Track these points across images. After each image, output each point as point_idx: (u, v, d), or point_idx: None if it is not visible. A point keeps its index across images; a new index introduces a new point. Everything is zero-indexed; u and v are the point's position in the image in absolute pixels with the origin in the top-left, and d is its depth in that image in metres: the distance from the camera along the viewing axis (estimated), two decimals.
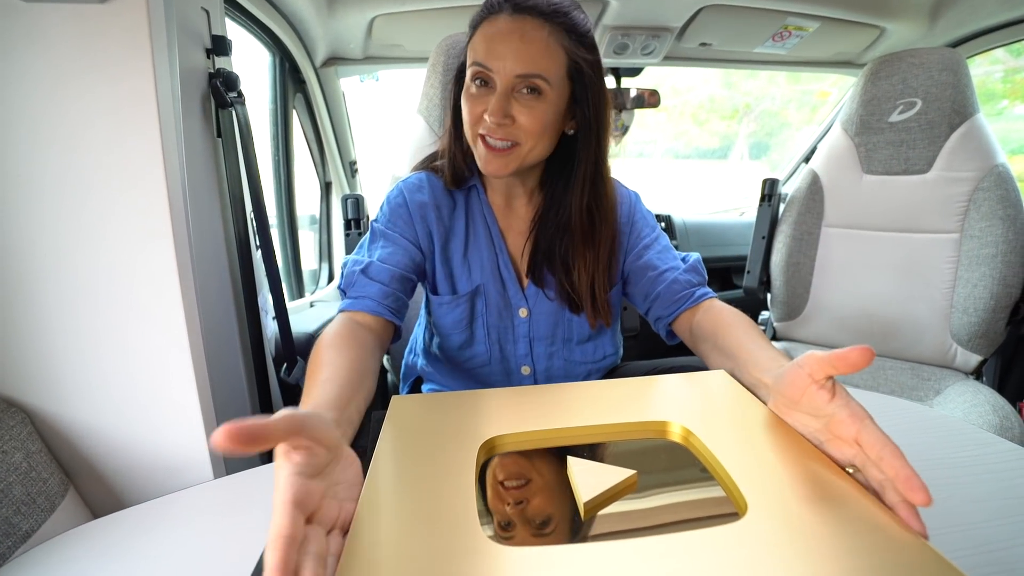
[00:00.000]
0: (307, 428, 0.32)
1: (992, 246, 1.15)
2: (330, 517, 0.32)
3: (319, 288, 1.67)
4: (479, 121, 0.64)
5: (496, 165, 0.65)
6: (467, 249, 0.75)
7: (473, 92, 0.65)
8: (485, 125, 0.63)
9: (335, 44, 1.46)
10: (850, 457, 0.38)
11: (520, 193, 0.76)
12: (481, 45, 0.63)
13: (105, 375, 0.57)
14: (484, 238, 0.76)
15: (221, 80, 0.71)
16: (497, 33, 0.62)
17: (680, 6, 1.34)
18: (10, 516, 0.48)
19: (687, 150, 7.61)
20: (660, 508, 0.38)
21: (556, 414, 0.47)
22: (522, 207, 0.77)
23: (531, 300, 0.76)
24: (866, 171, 1.32)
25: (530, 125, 0.63)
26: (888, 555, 0.30)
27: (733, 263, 2.02)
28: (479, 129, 0.65)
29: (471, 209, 0.76)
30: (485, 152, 0.65)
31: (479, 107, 0.64)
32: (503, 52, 0.61)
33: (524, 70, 0.61)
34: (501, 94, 0.62)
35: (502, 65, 0.61)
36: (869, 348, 0.36)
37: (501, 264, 0.76)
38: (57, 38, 0.50)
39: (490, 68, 0.62)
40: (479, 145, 0.66)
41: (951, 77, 1.19)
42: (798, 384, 0.42)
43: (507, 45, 0.61)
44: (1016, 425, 0.99)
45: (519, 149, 0.65)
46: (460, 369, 0.80)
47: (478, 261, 0.75)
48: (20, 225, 0.53)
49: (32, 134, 0.51)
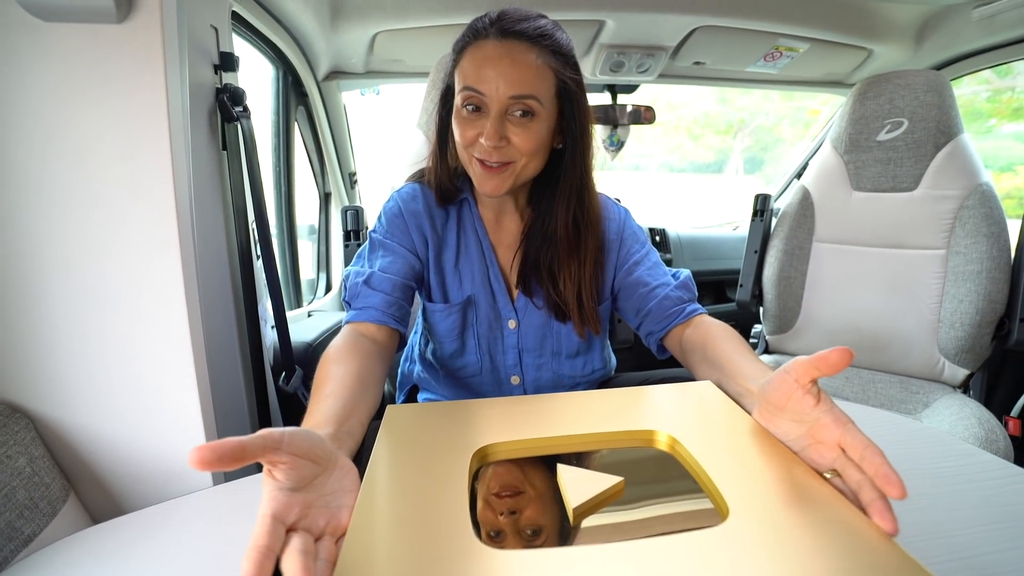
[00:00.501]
0: (287, 444, 0.34)
1: (977, 262, 1.18)
2: (318, 525, 0.34)
3: (316, 298, 1.68)
4: (473, 144, 0.66)
5: (493, 184, 0.67)
6: (458, 260, 0.77)
7: (465, 116, 0.65)
8: (480, 148, 0.65)
9: (337, 59, 1.50)
10: (830, 461, 0.40)
11: (511, 209, 0.77)
12: (471, 69, 0.64)
13: (108, 381, 0.58)
14: (475, 250, 0.77)
15: (228, 95, 0.73)
16: (486, 58, 0.63)
17: (674, 26, 1.38)
18: (13, 520, 0.49)
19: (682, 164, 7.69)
20: (646, 513, 0.39)
21: (548, 423, 0.49)
22: (512, 222, 0.78)
23: (520, 312, 0.78)
24: (855, 188, 1.36)
25: (524, 145, 0.65)
26: (861, 556, 0.31)
27: (726, 277, 2.04)
28: (474, 152, 0.66)
29: (463, 221, 0.78)
30: (482, 172, 0.66)
31: (472, 131, 0.65)
32: (494, 76, 0.62)
33: (517, 92, 0.62)
34: (495, 118, 0.63)
35: (494, 88, 0.62)
36: (848, 349, 0.39)
37: (491, 276, 0.77)
38: (74, 55, 0.52)
39: (482, 92, 0.63)
40: (475, 165, 0.67)
41: (936, 98, 1.23)
42: (784, 389, 0.43)
43: (497, 69, 0.62)
44: (1001, 438, 1.01)
45: (514, 167, 0.66)
46: (453, 377, 0.81)
47: (469, 272, 0.77)
48: (30, 233, 0.54)
49: (47, 146, 0.53)
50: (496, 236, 0.78)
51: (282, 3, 1.13)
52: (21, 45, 0.51)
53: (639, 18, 1.32)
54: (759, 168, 7.16)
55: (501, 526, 0.38)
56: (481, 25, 0.65)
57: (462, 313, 0.77)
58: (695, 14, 1.31)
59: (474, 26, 0.66)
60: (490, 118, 0.63)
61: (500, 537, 0.37)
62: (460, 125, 0.66)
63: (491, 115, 0.63)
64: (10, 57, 0.52)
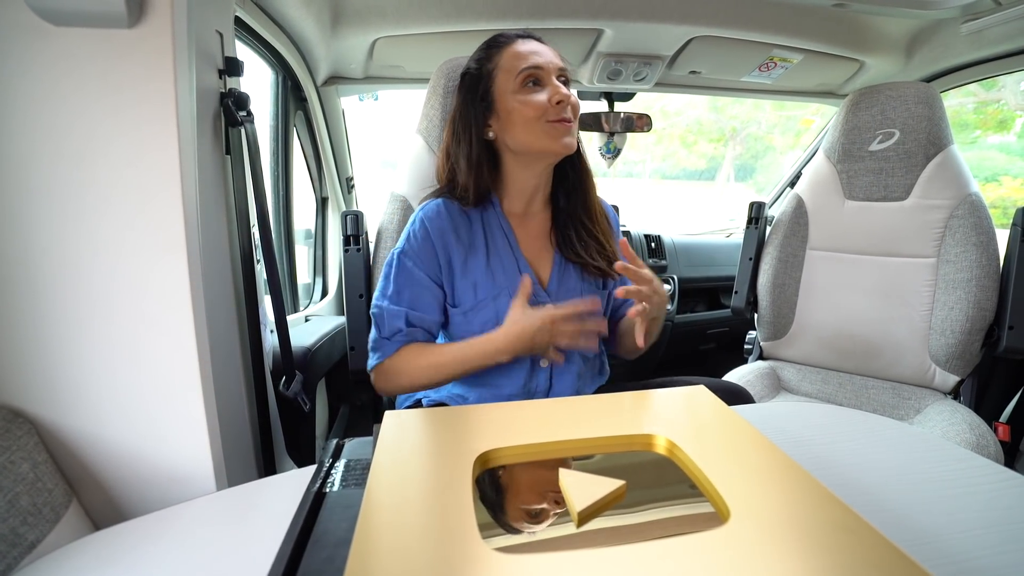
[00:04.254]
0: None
1: (967, 271, 1.20)
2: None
3: (313, 303, 1.67)
4: (545, 110, 0.77)
5: (572, 139, 0.79)
6: (489, 259, 0.83)
7: (530, 88, 0.79)
8: (553, 111, 0.77)
9: (337, 64, 1.50)
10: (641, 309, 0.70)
11: (539, 199, 0.87)
12: (520, 58, 0.79)
13: (112, 386, 0.58)
14: (503, 246, 0.84)
15: (232, 99, 0.74)
16: (533, 48, 0.80)
17: (671, 36, 1.40)
18: (17, 526, 0.48)
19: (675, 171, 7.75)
20: (649, 516, 0.40)
21: (547, 428, 0.49)
22: (538, 211, 0.88)
23: (552, 296, 0.85)
24: (848, 197, 1.38)
25: (577, 104, 0.79)
26: (857, 554, 0.33)
27: (720, 283, 2.06)
28: (548, 117, 0.77)
29: (488, 222, 0.85)
30: (563, 130, 0.78)
31: (542, 98, 0.77)
32: (546, 56, 0.79)
33: (561, 64, 0.80)
34: (557, 82, 0.78)
35: (548, 62, 0.79)
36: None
37: (521, 267, 0.84)
38: (84, 59, 0.52)
39: (540, 66, 0.78)
40: (549, 131, 0.78)
41: (926, 110, 1.26)
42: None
43: (543, 54, 0.80)
44: (991, 443, 1.03)
45: (575, 127, 0.80)
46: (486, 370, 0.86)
47: (500, 267, 0.83)
48: (37, 237, 0.54)
49: (56, 148, 0.53)
50: (521, 230, 0.86)
51: (284, 8, 1.13)
52: (32, 49, 0.51)
53: (637, 27, 1.34)
54: (750, 176, 7.24)
55: (506, 531, 0.39)
56: (508, 34, 0.82)
57: (494, 304, 0.83)
58: (692, 24, 1.33)
59: (500, 35, 0.83)
60: (551, 83, 0.78)
61: (505, 541, 0.38)
62: (529, 99, 0.78)
63: (551, 81, 0.78)
64: (21, 60, 0.52)
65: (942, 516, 0.49)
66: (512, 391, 0.83)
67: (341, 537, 0.42)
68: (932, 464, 0.59)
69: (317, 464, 0.54)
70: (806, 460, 0.48)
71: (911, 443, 0.64)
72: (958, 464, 0.59)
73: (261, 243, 0.84)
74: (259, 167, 0.81)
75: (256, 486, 0.57)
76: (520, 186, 0.85)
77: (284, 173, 1.46)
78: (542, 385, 0.84)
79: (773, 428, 0.65)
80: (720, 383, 0.85)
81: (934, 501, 0.52)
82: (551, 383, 0.85)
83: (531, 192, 0.85)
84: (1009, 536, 0.46)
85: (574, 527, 0.38)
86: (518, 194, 0.85)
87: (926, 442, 0.65)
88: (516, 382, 0.82)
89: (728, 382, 0.86)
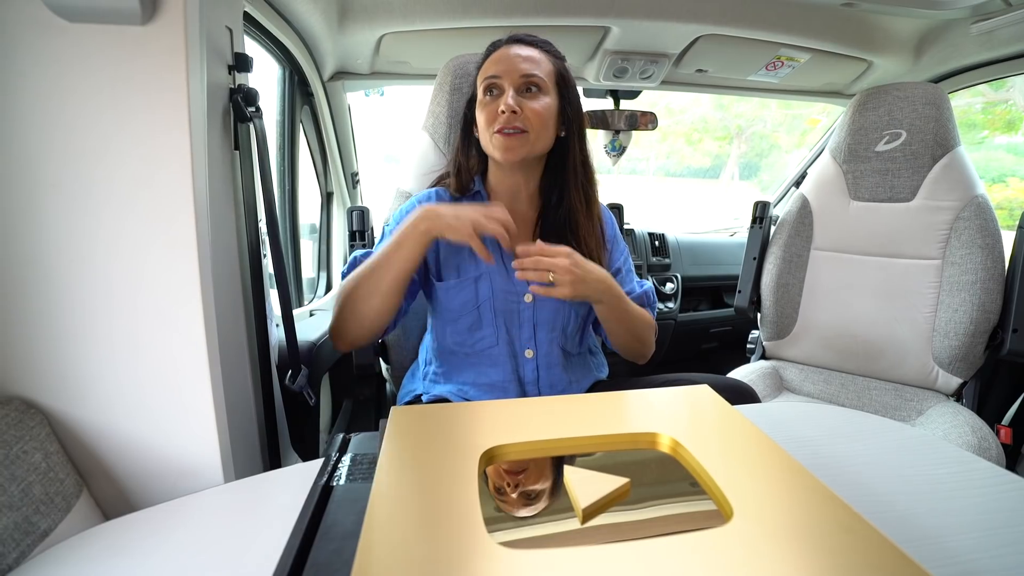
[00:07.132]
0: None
1: (972, 273, 1.20)
2: None
3: (317, 297, 1.68)
4: (494, 119, 0.78)
5: (507, 146, 0.78)
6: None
7: (486, 100, 0.81)
8: (499, 120, 0.78)
9: (343, 59, 1.50)
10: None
11: (523, 197, 0.88)
12: (489, 66, 0.81)
13: (123, 378, 0.58)
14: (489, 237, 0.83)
15: (241, 95, 0.74)
16: (502, 56, 0.81)
17: (678, 34, 1.39)
18: (30, 515, 0.49)
19: (679, 169, 7.72)
20: (653, 513, 0.40)
21: (552, 425, 0.50)
22: (524, 207, 0.88)
23: (529, 288, 0.84)
24: (853, 197, 1.38)
25: (535, 114, 0.78)
26: (858, 554, 0.33)
27: (724, 282, 2.06)
28: (495, 127, 0.78)
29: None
30: (501, 140, 0.78)
31: (492, 108, 0.79)
32: (508, 64, 0.80)
33: (525, 71, 0.79)
34: (510, 92, 0.78)
35: (508, 70, 0.79)
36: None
37: (504, 257, 0.85)
38: (98, 55, 0.52)
39: (497, 75, 0.80)
40: (495, 140, 0.79)
41: (934, 111, 1.25)
42: None
43: (510, 60, 0.80)
44: (993, 446, 1.03)
45: (527, 137, 0.79)
46: (472, 355, 0.88)
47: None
48: (49, 231, 0.55)
49: (70, 145, 0.54)
50: None
51: (292, 3, 1.14)
52: (46, 45, 0.52)
53: (644, 25, 1.33)
54: (755, 174, 7.22)
55: (512, 526, 0.39)
56: (497, 41, 0.84)
57: (475, 285, 0.85)
58: (699, 23, 1.33)
59: (496, 41, 0.84)
60: (505, 93, 0.78)
61: (511, 536, 0.38)
62: (483, 110, 0.81)
63: (506, 91, 0.78)
64: (36, 56, 0.52)
65: (943, 517, 0.50)
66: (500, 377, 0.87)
67: (349, 530, 0.43)
68: (934, 466, 0.60)
69: (324, 458, 0.55)
70: (808, 460, 0.48)
71: (913, 445, 0.64)
72: (959, 466, 0.59)
73: (268, 238, 0.85)
74: (267, 163, 0.81)
75: (263, 479, 0.58)
76: (499, 184, 0.89)
77: (290, 168, 1.47)
78: (530, 376, 0.88)
79: (775, 428, 0.65)
80: (726, 380, 0.86)
81: (935, 502, 0.52)
82: (538, 373, 0.88)
83: (511, 190, 0.88)
84: (1009, 539, 0.47)
85: (578, 523, 0.39)
86: (503, 191, 0.89)
87: (928, 444, 0.65)
88: (505, 369, 0.87)
89: (734, 379, 0.86)
